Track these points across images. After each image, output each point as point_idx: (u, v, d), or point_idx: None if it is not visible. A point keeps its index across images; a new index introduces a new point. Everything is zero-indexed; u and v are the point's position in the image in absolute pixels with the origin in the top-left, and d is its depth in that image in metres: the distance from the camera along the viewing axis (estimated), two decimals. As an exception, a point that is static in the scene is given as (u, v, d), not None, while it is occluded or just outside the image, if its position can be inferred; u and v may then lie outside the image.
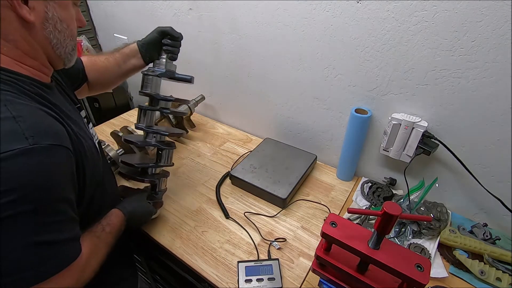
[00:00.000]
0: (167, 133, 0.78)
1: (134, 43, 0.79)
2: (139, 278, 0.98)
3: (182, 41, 0.79)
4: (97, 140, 0.68)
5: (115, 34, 1.50)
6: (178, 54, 0.80)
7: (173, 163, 0.83)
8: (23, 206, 0.41)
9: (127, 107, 1.55)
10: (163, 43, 0.76)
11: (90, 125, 0.68)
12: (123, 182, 0.94)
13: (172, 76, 0.77)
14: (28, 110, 0.45)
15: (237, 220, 0.86)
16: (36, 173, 0.42)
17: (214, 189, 0.97)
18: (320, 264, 0.61)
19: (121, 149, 1.03)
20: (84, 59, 0.78)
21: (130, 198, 0.75)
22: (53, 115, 0.48)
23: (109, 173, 0.73)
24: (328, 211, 0.90)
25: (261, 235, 0.82)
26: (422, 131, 0.80)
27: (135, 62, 0.79)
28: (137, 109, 0.85)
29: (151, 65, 0.80)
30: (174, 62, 0.79)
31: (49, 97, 0.52)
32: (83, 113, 0.66)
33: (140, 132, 0.80)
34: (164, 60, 0.77)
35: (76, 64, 0.72)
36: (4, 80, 0.46)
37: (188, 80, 0.79)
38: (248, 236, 0.82)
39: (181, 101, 0.85)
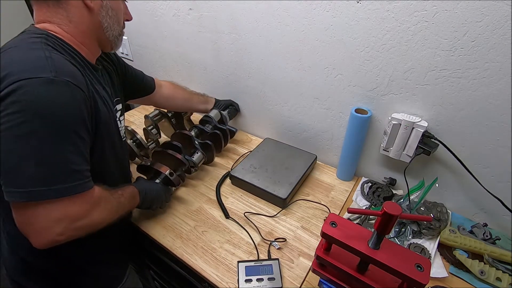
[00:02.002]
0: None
1: (213, 98, 1.17)
2: (138, 278, 0.98)
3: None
4: (124, 130, 0.78)
5: (115, 34, 1.50)
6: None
7: (197, 169, 1.00)
8: (40, 125, 0.49)
9: (127, 108, 1.55)
10: (229, 108, 1.18)
11: (123, 116, 0.79)
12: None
13: (225, 122, 1.14)
14: (59, 56, 0.54)
15: (237, 220, 0.86)
16: (54, 100, 0.50)
17: (214, 189, 0.97)
18: (320, 264, 0.62)
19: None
20: (169, 84, 1.05)
21: (143, 179, 0.85)
22: (79, 70, 0.57)
23: (126, 159, 0.80)
24: (328, 211, 0.90)
25: (261, 235, 0.82)
26: (422, 131, 0.80)
27: (208, 107, 1.15)
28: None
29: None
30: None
31: (85, 67, 0.61)
32: (119, 106, 0.76)
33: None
34: (225, 113, 1.15)
35: (147, 79, 0.96)
36: (56, 44, 0.57)
37: (234, 132, 1.14)
38: (248, 236, 0.82)
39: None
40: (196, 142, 1.00)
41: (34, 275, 0.69)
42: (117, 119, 0.71)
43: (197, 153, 0.99)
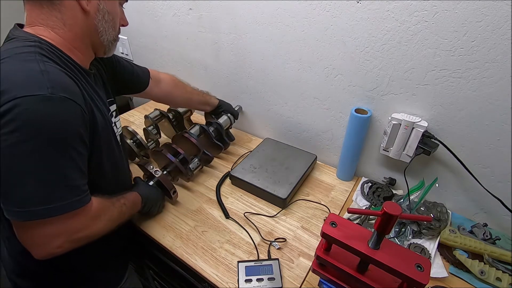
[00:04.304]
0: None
1: (217, 100, 1.12)
2: (138, 278, 0.98)
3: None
4: (120, 132, 0.77)
5: (115, 34, 1.50)
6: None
7: (193, 174, 0.98)
8: (38, 144, 0.48)
9: (127, 107, 1.55)
10: (229, 114, 1.13)
11: (118, 117, 0.77)
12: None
13: (230, 128, 1.16)
14: (54, 69, 0.53)
15: (237, 220, 0.86)
16: (51, 118, 0.49)
17: (214, 189, 0.97)
18: (320, 264, 0.62)
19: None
20: (169, 80, 0.99)
21: (143, 183, 0.84)
22: (74, 80, 0.56)
23: (124, 162, 0.78)
24: (328, 211, 0.90)
25: (261, 235, 0.82)
26: (422, 131, 0.80)
27: (208, 109, 1.11)
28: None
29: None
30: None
31: (79, 75, 0.60)
32: (113, 107, 0.75)
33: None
34: (233, 119, 1.14)
35: (138, 74, 0.90)
36: (50, 52, 0.55)
37: (232, 139, 1.16)
38: (248, 236, 0.82)
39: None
40: (198, 149, 0.99)
41: (30, 277, 0.69)
42: (113, 124, 0.70)
43: (196, 161, 0.99)
